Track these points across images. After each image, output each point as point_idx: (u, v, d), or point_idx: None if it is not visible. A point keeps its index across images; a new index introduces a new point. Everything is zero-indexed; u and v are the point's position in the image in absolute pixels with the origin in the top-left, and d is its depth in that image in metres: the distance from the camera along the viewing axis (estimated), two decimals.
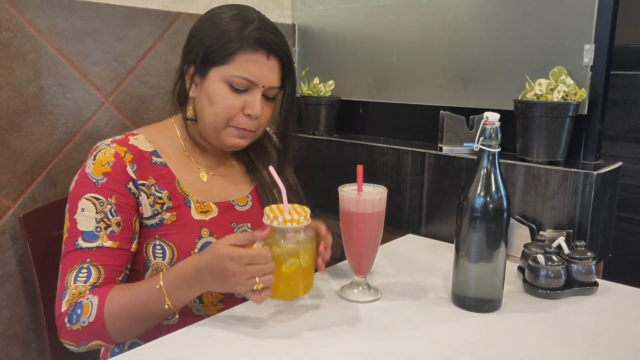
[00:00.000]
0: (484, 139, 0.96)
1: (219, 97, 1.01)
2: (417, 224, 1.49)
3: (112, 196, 0.97)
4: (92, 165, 0.99)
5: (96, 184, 0.97)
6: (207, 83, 1.02)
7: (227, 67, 1.00)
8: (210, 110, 1.02)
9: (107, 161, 0.98)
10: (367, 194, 1.00)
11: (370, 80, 1.71)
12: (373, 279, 1.12)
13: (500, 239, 0.97)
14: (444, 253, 1.31)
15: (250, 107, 1.02)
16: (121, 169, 0.99)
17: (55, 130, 1.32)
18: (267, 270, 0.85)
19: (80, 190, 0.98)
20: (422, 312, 1.00)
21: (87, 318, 0.91)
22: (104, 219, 0.97)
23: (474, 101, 1.47)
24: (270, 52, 1.02)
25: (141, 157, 1.02)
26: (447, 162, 1.41)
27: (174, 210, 1.02)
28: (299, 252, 0.89)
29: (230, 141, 1.05)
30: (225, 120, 1.02)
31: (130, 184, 0.99)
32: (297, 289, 0.92)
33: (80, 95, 1.36)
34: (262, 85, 1.03)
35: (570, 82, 1.24)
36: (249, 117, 1.02)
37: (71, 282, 0.94)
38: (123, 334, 0.93)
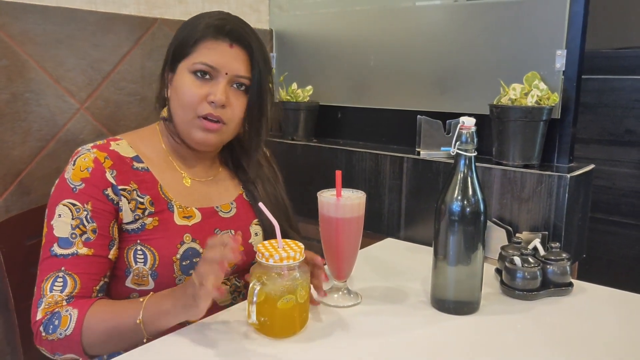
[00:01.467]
0: (461, 143, 0.98)
1: (184, 87, 1.01)
2: (396, 228, 1.50)
3: (89, 202, 0.96)
4: (71, 171, 0.98)
5: (74, 190, 0.96)
6: (176, 77, 1.03)
7: (190, 57, 1.01)
8: (177, 103, 1.02)
9: (86, 167, 0.97)
10: (346, 199, 1.00)
11: (349, 85, 1.72)
12: (353, 284, 1.12)
13: (478, 241, 0.98)
14: (423, 256, 1.32)
15: (213, 94, 0.99)
16: (100, 175, 0.97)
17: (28, 138, 1.30)
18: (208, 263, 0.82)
19: (58, 195, 0.97)
20: (402, 316, 1.00)
21: (64, 330, 0.89)
22: (79, 225, 0.95)
23: (450, 106, 1.49)
24: (232, 39, 1.02)
25: (122, 162, 1.01)
26: (425, 166, 1.42)
27: (156, 215, 1.01)
28: (295, 289, 0.88)
29: (198, 135, 1.02)
30: (191, 110, 1.00)
31: (108, 190, 0.98)
32: (294, 325, 0.91)
33: (54, 102, 1.34)
34: (225, 73, 1.01)
35: (544, 87, 1.26)
36: (213, 105, 1.00)
37: (47, 290, 0.92)
38: (97, 349, 0.92)
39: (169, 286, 0.98)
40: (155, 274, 0.99)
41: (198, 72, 1.00)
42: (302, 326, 0.92)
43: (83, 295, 0.94)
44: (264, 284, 0.86)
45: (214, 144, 1.05)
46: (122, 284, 1.00)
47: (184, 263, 1.00)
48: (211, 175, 1.14)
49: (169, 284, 0.99)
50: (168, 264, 0.99)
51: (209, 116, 1.01)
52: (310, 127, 1.76)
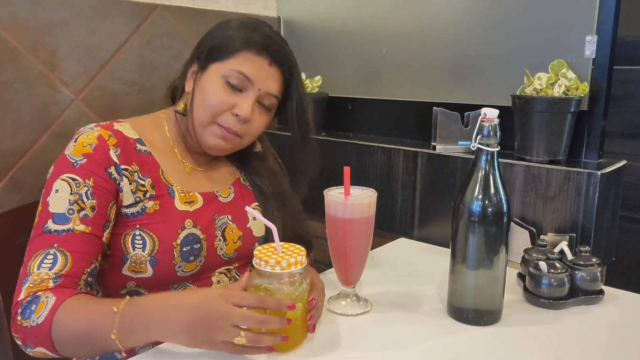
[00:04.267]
0: (482, 137, 0.89)
1: (212, 90, 0.97)
2: (409, 227, 1.41)
3: (90, 178, 0.91)
4: (72, 147, 0.93)
5: (74, 164, 0.91)
6: (205, 77, 0.99)
7: (227, 62, 0.98)
8: (200, 103, 0.98)
9: (89, 143, 0.93)
10: (354, 197, 0.92)
11: (360, 75, 1.63)
12: (362, 289, 1.04)
13: (501, 244, 0.89)
14: (438, 258, 1.23)
15: (240, 107, 0.97)
16: (103, 151, 0.93)
17: (19, 130, 1.23)
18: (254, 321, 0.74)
19: (57, 171, 0.92)
20: (416, 325, 0.92)
21: (37, 318, 0.81)
22: (78, 201, 0.89)
23: (469, 97, 1.40)
24: (273, 59, 1.00)
25: (125, 142, 0.97)
26: (441, 162, 1.33)
27: (157, 199, 0.97)
28: (303, 295, 0.81)
29: (212, 141, 0.99)
30: (211, 115, 0.97)
31: (111, 168, 0.93)
32: (300, 336, 0.83)
33: (47, 92, 1.27)
34: (259, 88, 0.98)
35: (572, 76, 1.17)
36: (237, 118, 0.97)
37: (34, 268, 0.85)
38: (67, 349, 0.82)
39: (167, 274, 0.94)
40: (155, 261, 0.93)
41: (230, 81, 0.97)
42: (305, 336, 0.85)
43: (72, 275, 0.86)
44: (270, 293, 0.78)
45: (225, 151, 1.03)
46: (119, 272, 0.94)
47: (184, 249, 0.95)
48: (211, 164, 1.10)
49: (168, 271, 0.94)
50: (168, 250, 0.94)
51: (228, 130, 0.98)
52: (318, 119, 1.68)
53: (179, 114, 1.04)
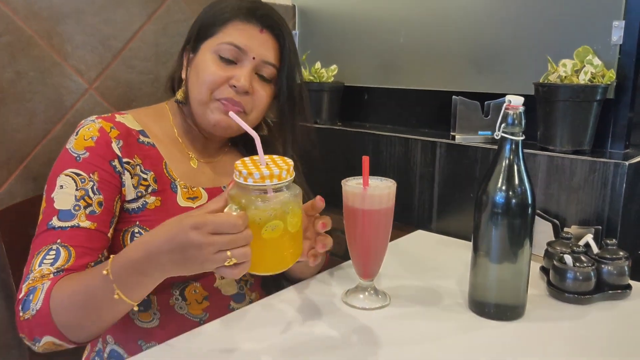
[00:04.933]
0: (506, 125, 0.85)
1: (206, 67, 0.94)
2: (427, 219, 1.38)
3: (95, 172, 0.89)
4: (73, 141, 0.92)
5: (77, 159, 0.89)
6: (197, 57, 0.97)
7: (216, 37, 0.95)
8: (195, 82, 0.96)
9: (91, 136, 0.91)
10: (373, 188, 0.89)
11: (376, 64, 1.60)
12: (380, 282, 1.02)
13: (525, 237, 0.86)
14: (457, 251, 1.21)
15: (237, 78, 0.93)
16: (106, 144, 0.91)
17: (33, 120, 1.22)
18: (240, 241, 0.68)
19: (59, 166, 0.90)
20: (436, 320, 0.89)
21: (35, 305, 0.78)
22: (84, 196, 0.87)
23: (489, 85, 1.36)
24: (263, 25, 0.96)
25: (128, 134, 0.95)
26: (461, 152, 1.29)
27: (159, 195, 0.94)
28: (284, 214, 0.71)
29: (213, 117, 0.94)
30: (209, 91, 0.94)
31: (115, 161, 0.91)
32: (284, 258, 0.75)
33: (61, 82, 1.25)
34: (253, 57, 0.95)
35: (598, 63, 1.12)
36: (235, 90, 0.94)
37: (36, 265, 0.82)
38: (72, 328, 0.79)
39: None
40: None
41: (223, 55, 0.94)
42: (293, 260, 0.77)
43: (75, 270, 0.83)
44: (243, 209, 0.70)
45: (231, 129, 0.97)
46: None
47: None
48: (218, 156, 1.07)
49: None
50: None
51: (229, 101, 0.94)
52: (334, 109, 1.65)
53: (180, 104, 1.01)
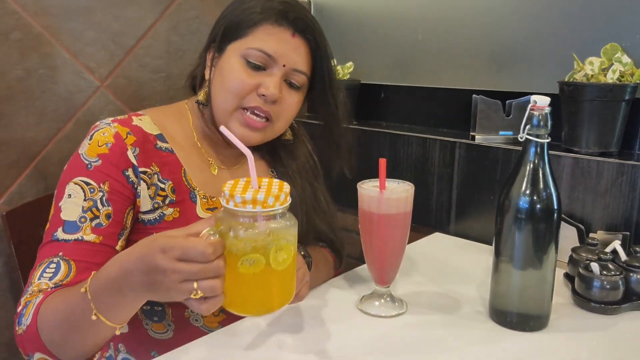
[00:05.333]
0: (531, 127, 0.81)
1: (232, 72, 0.88)
2: (445, 221, 1.34)
3: (106, 182, 0.84)
4: (87, 146, 0.86)
5: (88, 167, 0.84)
6: (223, 59, 0.90)
7: (244, 40, 0.89)
8: (220, 88, 0.90)
9: (105, 142, 0.86)
10: (390, 192, 0.85)
11: (393, 61, 1.56)
12: (397, 288, 0.98)
13: (550, 242, 0.82)
14: (477, 255, 1.16)
15: (265, 86, 0.87)
16: (121, 152, 0.86)
17: (43, 118, 1.20)
18: (209, 273, 0.60)
19: (69, 173, 0.85)
20: (455, 329, 0.85)
21: (26, 320, 0.75)
22: (92, 208, 0.83)
23: (511, 84, 1.31)
24: (296, 29, 0.89)
25: (145, 140, 0.89)
26: (481, 153, 1.25)
27: (177, 206, 0.89)
28: (266, 248, 0.61)
29: (237, 131, 0.89)
30: (235, 99, 0.88)
31: (129, 170, 0.86)
32: (267, 300, 0.65)
33: (72, 79, 1.24)
34: (283, 65, 0.89)
35: (627, 61, 1.07)
36: (264, 99, 0.88)
37: (36, 278, 0.79)
38: (58, 347, 0.74)
39: None
40: None
41: (251, 60, 0.88)
42: (280, 303, 0.67)
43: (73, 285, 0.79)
44: (221, 235, 0.62)
45: (253, 143, 0.91)
46: None
47: None
48: (240, 162, 1.01)
49: None
50: None
51: (257, 110, 0.89)
52: (350, 107, 1.61)
53: (201, 105, 0.95)
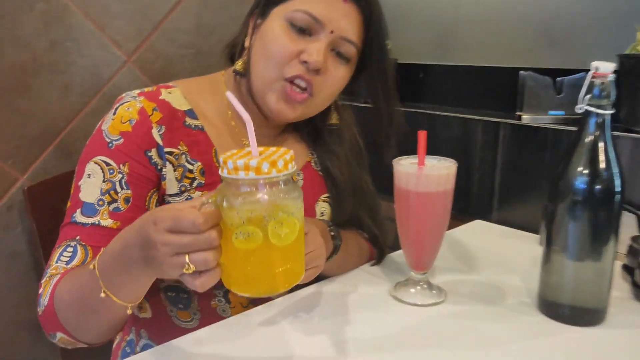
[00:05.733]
0: (592, 97, 0.72)
1: (274, 36, 0.80)
2: (487, 208, 1.25)
3: (126, 163, 0.79)
4: (110, 122, 0.81)
5: (110, 145, 0.79)
6: (266, 24, 0.82)
7: (291, 2, 0.80)
8: (260, 54, 0.81)
9: (129, 118, 0.80)
10: (430, 168, 0.78)
11: (433, 39, 1.48)
12: (435, 276, 0.90)
13: (610, 231, 0.73)
14: (522, 244, 1.07)
15: (309, 53, 0.78)
16: (145, 130, 0.80)
17: (68, 92, 1.17)
18: (200, 244, 0.55)
19: (90, 150, 0.81)
20: (499, 321, 0.77)
21: (43, 301, 0.74)
22: (110, 190, 0.78)
23: (562, 60, 1.22)
24: None
25: (172, 117, 0.83)
26: (527, 134, 1.16)
27: (206, 189, 0.83)
28: (261, 220, 0.55)
29: (274, 104, 0.81)
30: (275, 66, 0.80)
31: (152, 151, 0.80)
32: (267, 279, 0.59)
33: (98, 53, 1.20)
34: (330, 31, 0.80)
35: None
36: (306, 67, 0.79)
37: (54, 260, 0.77)
38: (74, 327, 0.72)
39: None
40: None
41: (296, 24, 0.79)
42: (285, 283, 0.60)
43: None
44: (217, 206, 0.57)
45: (290, 119, 0.84)
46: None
47: None
48: (277, 142, 0.94)
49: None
50: None
51: (298, 79, 0.80)
52: None
53: (238, 75, 0.87)
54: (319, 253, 0.77)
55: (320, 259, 0.77)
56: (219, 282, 0.84)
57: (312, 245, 0.75)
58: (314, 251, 0.75)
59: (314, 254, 0.76)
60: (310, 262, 0.75)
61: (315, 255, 0.76)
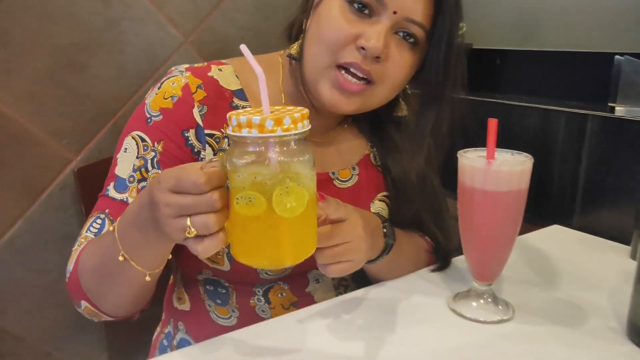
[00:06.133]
0: None
1: (330, 17, 0.72)
2: (567, 212, 1.11)
3: (161, 142, 0.74)
4: (153, 96, 0.77)
5: (148, 121, 0.75)
6: (323, 3, 0.74)
7: None
8: (315, 37, 0.73)
9: (172, 94, 0.75)
10: (500, 163, 0.67)
11: (513, 22, 1.34)
12: (501, 288, 0.79)
13: None
14: (609, 256, 0.93)
15: (367, 37, 0.70)
16: (185, 108, 0.75)
17: (124, 73, 1.14)
18: (202, 206, 0.52)
19: (132, 123, 0.78)
20: (576, 347, 0.65)
21: (69, 268, 0.73)
22: (141, 168, 0.74)
23: None
24: None
25: (218, 96, 0.77)
26: (621, 128, 1.00)
27: None
28: (263, 185, 0.50)
29: (326, 93, 0.73)
30: (328, 52, 0.71)
31: (190, 131, 0.75)
32: (273, 250, 0.54)
33: (155, 33, 1.16)
34: (393, 11, 0.70)
35: None
36: (363, 54, 0.70)
37: (84, 230, 0.75)
38: (95, 294, 0.70)
39: (247, 273, 0.76)
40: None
41: (355, 3, 0.71)
42: (293, 256, 0.55)
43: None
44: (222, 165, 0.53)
45: (348, 111, 0.75)
46: (194, 256, 0.76)
47: None
48: (333, 133, 0.86)
49: (247, 269, 0.70)
50: None
51: (353, 67, 0.71)
52: None
53: (292, 59, 0.79)
54: (355, 246, 0.67)
55: (356, 253, 0.67)
56: (258, 279, 0.79)
57: (349, 236, 0.66)
58: (349, 243, 0.66)
59: (349, 247, 0.66)
60: (344, 255, 0.66)
61: (350, 248, 0.66)
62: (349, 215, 0.67)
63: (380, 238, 0.74)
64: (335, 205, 0.65)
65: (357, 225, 0.67)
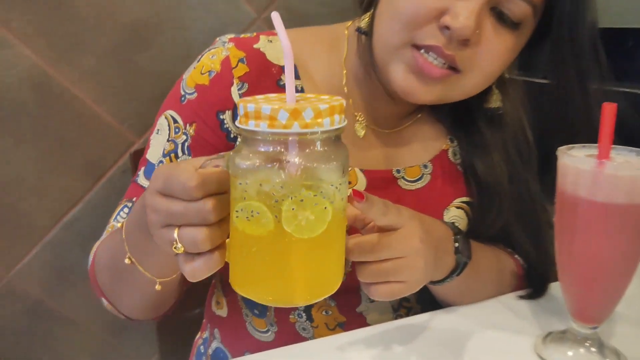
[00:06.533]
0: None
1: None
2: None
3: (193, 124, 0.65)
4: (191, 70, 0.68)
5: (182, 99, 0.66)
6: None
7: None
8: (388, 9, 0.60)
9: (210, 69, 0.65)
10: (618, 165, 0.49)
11: None
12: (611, 332, 0.60)
13: None
14: None
15: (454, 14, 0.56)
16: (222, 86, 0.64)
17: (192, 51, 1.06)
18: (191, 216, 0.41)
19: (167, 101, 0.69)
20: None
21: (89, 260, 0.68)
22: (171, 153, 0.65)
23: None
24: None
25: (263, 72, 0.65)
26: None
27: None
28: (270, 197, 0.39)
29: (398, 77, 0.60)
30: (404, 29, 0.58)
31: (226, 113, 0.64)
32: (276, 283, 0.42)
33: (225, 9, 1.09)
34: None
35: None
36: (448, 35, 0.57)
37: (112, 219, 0.68)
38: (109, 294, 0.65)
39: None
40: None
41: None
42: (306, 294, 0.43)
43: None
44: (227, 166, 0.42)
45: (425, 101, 0.62)
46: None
47: None
48: (403, 123, 0.71)
49: None
50: None
51: (433, 51, 0.57)
52: None
53: (361, 34, 0.65)
54: (409, 263, 0.52)
55: (410, 272, 0.52)
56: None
57: (401, 250, 0.51)
58: (402, 259, 0.51)
59: (401, 263, 0.51)
60: (393, 274, 0.51)
61: (402, 265, 0.51)
62: (403, 222, 0.52)
63: (449, 254, 0.58)
64: (383, 207, 0.50)
65: (413, 236, 0.52)
